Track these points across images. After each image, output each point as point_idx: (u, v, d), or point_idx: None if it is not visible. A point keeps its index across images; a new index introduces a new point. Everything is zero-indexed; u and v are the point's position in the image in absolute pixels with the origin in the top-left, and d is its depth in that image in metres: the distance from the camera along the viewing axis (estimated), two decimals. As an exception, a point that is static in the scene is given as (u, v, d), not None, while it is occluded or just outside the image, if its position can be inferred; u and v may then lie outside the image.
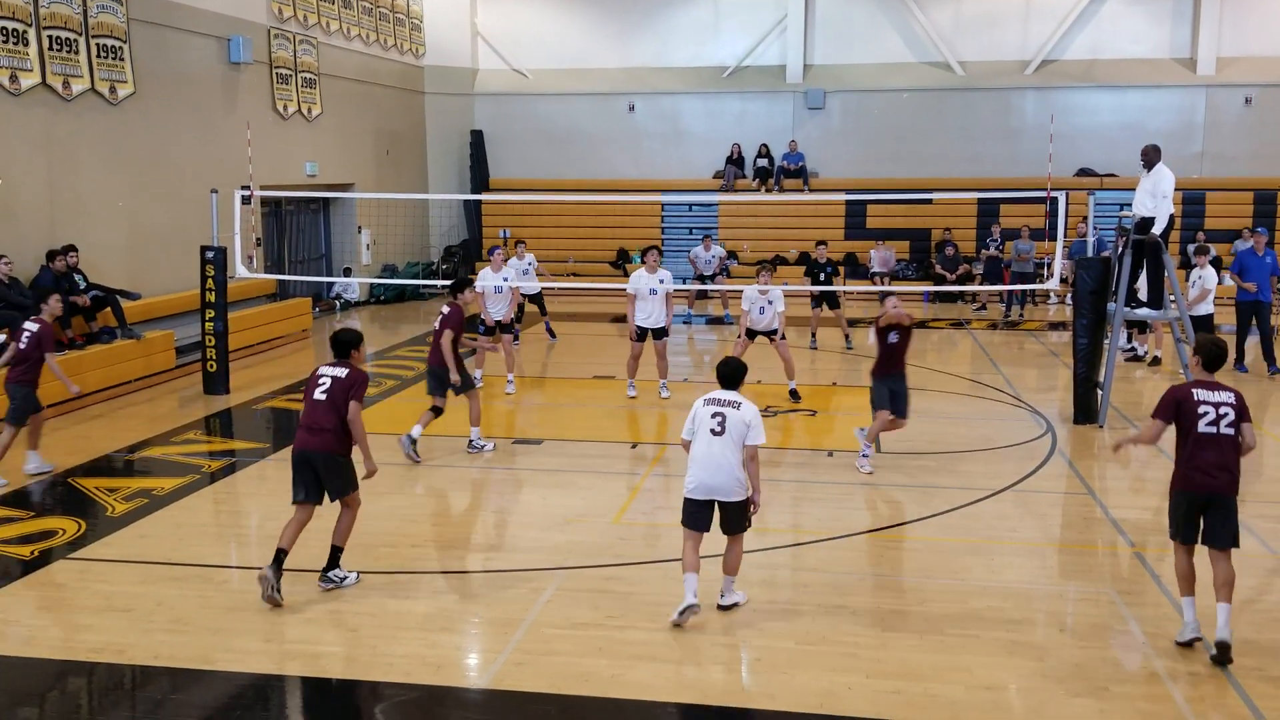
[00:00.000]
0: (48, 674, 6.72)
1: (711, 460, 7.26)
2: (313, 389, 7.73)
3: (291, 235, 22.97)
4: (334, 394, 7.63)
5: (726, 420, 7.28)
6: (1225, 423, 6.80)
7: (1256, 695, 6.28)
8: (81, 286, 14.70)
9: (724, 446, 7.25)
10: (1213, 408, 6.81)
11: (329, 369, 7.78)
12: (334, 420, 7.61)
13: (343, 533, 7.81)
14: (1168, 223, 12.84)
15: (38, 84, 14.73)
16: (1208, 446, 6.78)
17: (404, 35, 26.63)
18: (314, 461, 7.64)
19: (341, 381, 7.67)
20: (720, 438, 7.27)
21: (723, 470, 7.25)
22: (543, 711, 6.21)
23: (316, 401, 7.65)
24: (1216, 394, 6.87)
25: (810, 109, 27.80)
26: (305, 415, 7.73)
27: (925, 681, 6.47)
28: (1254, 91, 26.15)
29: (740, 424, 7.28)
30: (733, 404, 7.35)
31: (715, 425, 7.28)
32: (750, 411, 7.34)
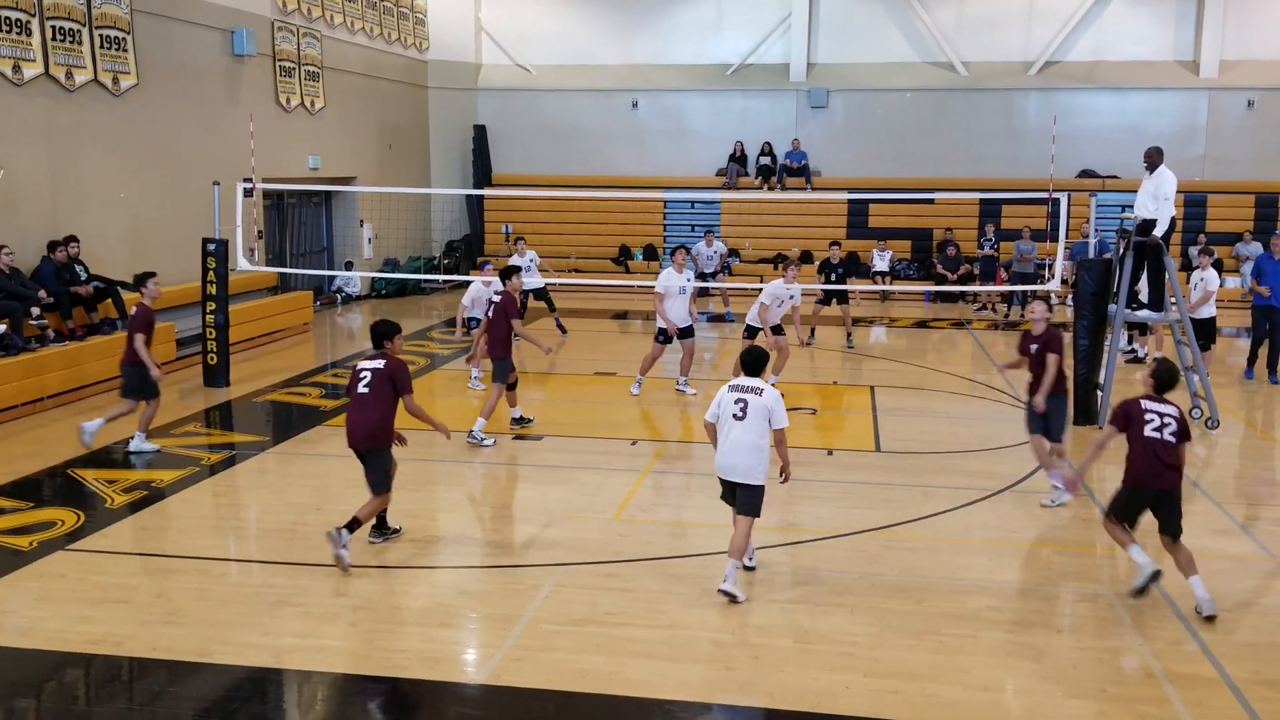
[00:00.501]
0: (46, 665, 6.72)
1: (731, 443, 7.62)
2: (355, 385, 7.99)
3: (293, 228, 22.97)
4: (375, 386, 7.89)
5: (748, 406, 7.57)
6: (1169, 431, 7.49)
7: (1254, 698, 6.28)
8: (83, 277, 14.70)
9: (744, 431, 7.56)
10: (1158, 416, 7.53)
11: (368, 363, 8.02)
12: (377, 413, 7.88)
13: (368, 511, 8.11)
14: (1169, 225, 12.84)
15: (40, 74, 14.73)
16: (1156, 449, 7.46)
17: (408, 29, 26.61)
18: (359, 453, 8.04)
19: (381, 373, 7.90)
20: (741, 422, 7.57)
21: (740, 451, 7.57)
22: (540, 707, 6.22)
23: (361, 396, 7.91)
24: (1163, 406, 7.60)
25: (813, 108, 27.79)
26: (351, 410, 8.00)
27: (923, 681, 6.47)
28: (1256, 95, 26.12)
29: (762, 409, 7.56)
30: (755, 390, 7.63)
31: (738, 411, 7.60)
32: (771, 397, 7.60)
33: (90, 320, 14.73)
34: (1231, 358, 18.38)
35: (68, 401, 13.55)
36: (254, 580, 8.17)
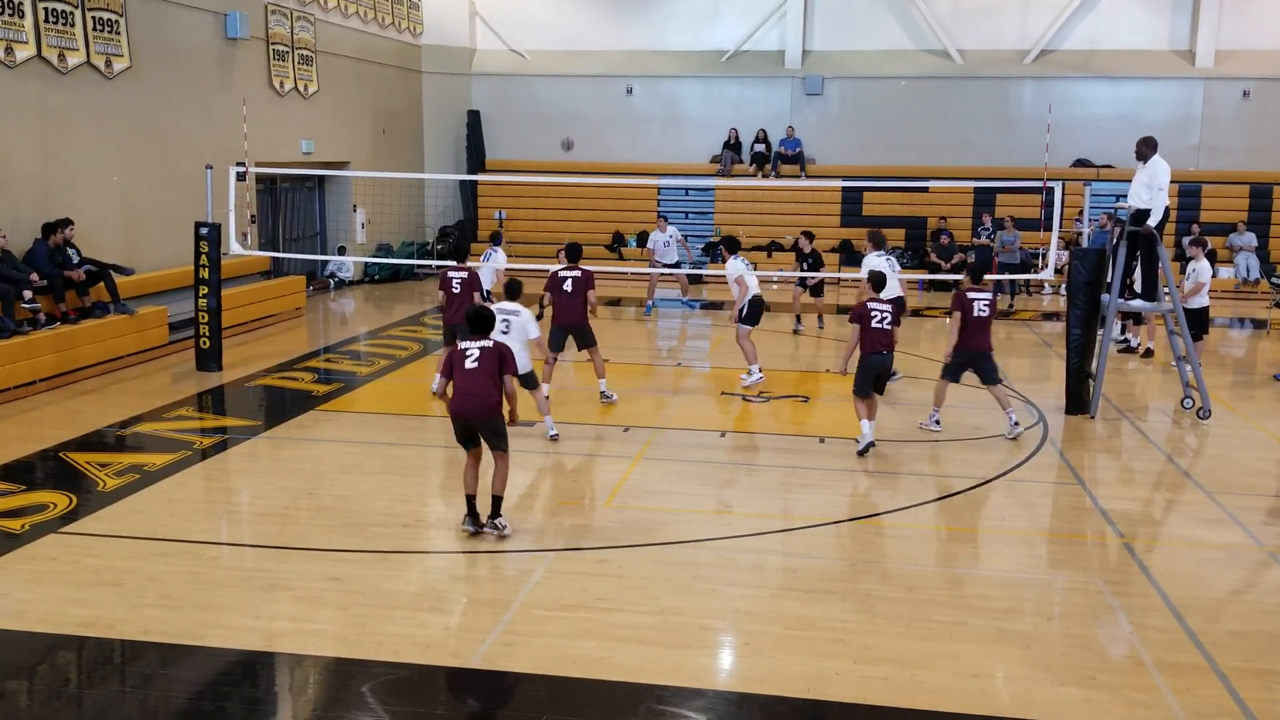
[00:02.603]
0: (37, 647, 6.73)
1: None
2: (461, 360, 8.43)
3: (286, 213, 22.90)
4: (485, 363, 8.40)
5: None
6: (886, 321, 10.98)
7: (1242, 686, 6.32)
8: (75, 261, 14.65)
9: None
10: (879, 312, 11.03)
11: (473, 343, 8.50)
12: (488, 386, 8.38)
13: (500, 482, 8.56)
14: (1163, 215, 12.85)
15: (33, 56, 14.65)
16: (879, 335, 10.99)
17: (402, 14, 26.51)
18: (473, 423, 8.47)
19: (491, 351, 8.46)
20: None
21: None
22: (531, 692, 6.23)
23: (470, 371, 8.38)
24: (882, 304, 11.08)
25: (808, 95, 27.74)
26: (461, 382, 8.43)
27: (912, 668, 6.50)
28: (1252, 85, 26.12)
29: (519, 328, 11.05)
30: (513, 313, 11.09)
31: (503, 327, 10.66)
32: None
33: (83, 304, 14.69)
34: (1225, 348, 18.44)
35: (60, 385, 13.53)
36: (246, 564, 8.17)
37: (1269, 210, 25.75)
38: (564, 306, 12.79)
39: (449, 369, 8.61)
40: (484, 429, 8.52)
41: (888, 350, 11.05)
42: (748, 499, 9.91)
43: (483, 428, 8.51)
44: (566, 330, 12.81)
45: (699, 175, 27.65)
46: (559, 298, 12.81)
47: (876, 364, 11.01)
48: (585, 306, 12.85)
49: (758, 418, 12.88)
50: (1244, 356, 18.06)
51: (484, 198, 28.18)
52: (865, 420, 11.02)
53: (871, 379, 11.03)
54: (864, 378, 11.01)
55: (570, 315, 12.80)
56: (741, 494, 10.12)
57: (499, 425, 8.54)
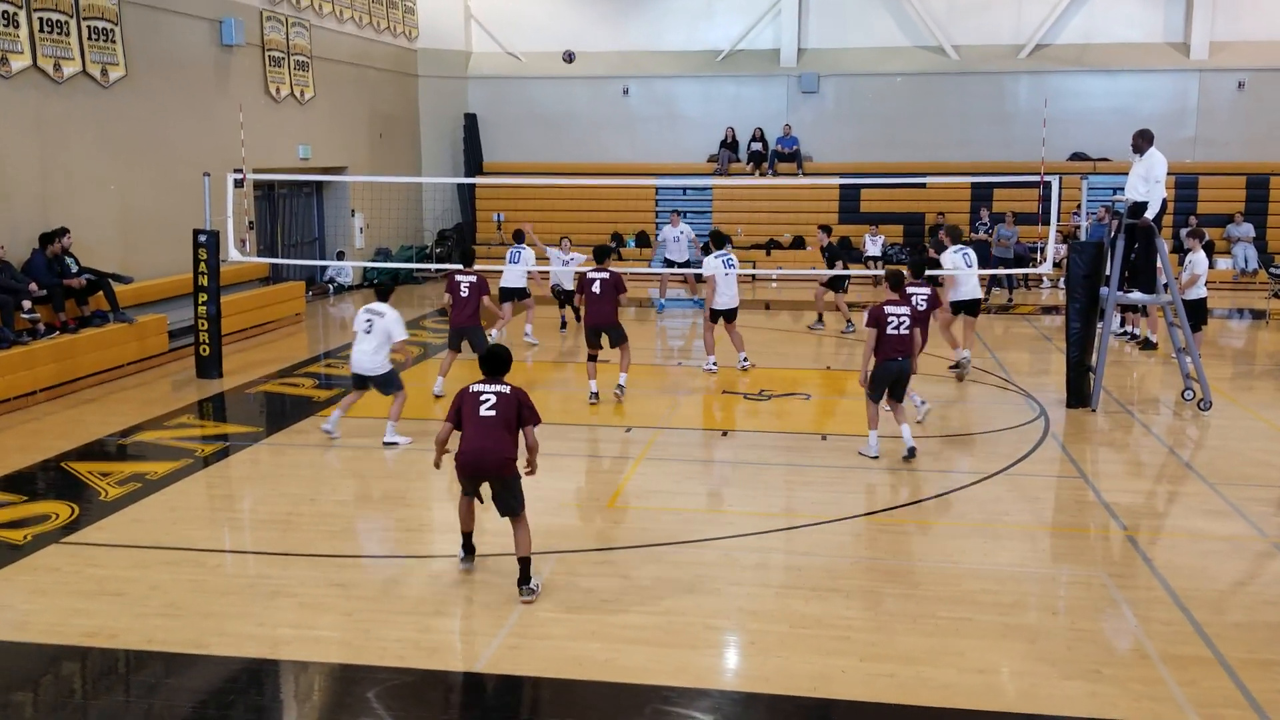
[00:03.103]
0: (41, 658, 6.72)
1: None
2: (475, 407, 7.45)
3: (284, 219, 22.91)
4: (503, 411, 7.43)
5: (374, 325, 11.52)
6: (903, 326, 10.51)
7: (1248, 677, 6.31)
8: (74, 270, 14.65)
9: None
10: (896, 317, 10.52)
11: (488, 386, 7.53)
12: (506, 439, 7.41)
13: (525, 544, 7.50)
14: (1160, 207, 12.85)
15: (29, 66, 14.65)
16: (894, 341, 10.49)
17: (397, 18, 26.51)
18: (486, 479, 7.51)
19: (508, 398, 7.48)
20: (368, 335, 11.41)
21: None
22: (536, 695, 6.23)
23: (485, 420, 7.40)
24: (899, 307, 10.64)
25: (804, 93, 27.75)
26: (473, 433, 7.43)
27: (918, 664, 6.49)
28: (1247, 76, 26.12)
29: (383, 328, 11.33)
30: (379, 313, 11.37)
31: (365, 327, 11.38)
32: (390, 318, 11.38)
33: (82, 313, 14.68)
34: (1224, 339, 18.44)
35: (60, 395, 13.52)
36: (249, 571, 8.17)
37: (1266, 201, 25.75)
38: (593, 308, 13.15)
39: (457, 415, 7.56)
40: (498, 486, 7.50)
41: (904, 356, 10.57)
42: (751, 498, 9.90)
43: (497, 485, 7.50)
44: (599, 330, 13.19)
45: (696, 175, 27.66)
46: (588, 299, 13.15)
47: (892, 371, 10.58)
48: (615, 307, 13.19)
49: (760, 416, 12.88)
50: (1244, 347, 18.06)
51: (482, 200, 28.19)
52: (873, 430, 10.76)
53: (885, 386, 10.67)
54: (876, 384, 10.68)
55: (600, 316, 13.15)
56: (744, 493, 10.11)
57: (515, 484, 7.51)
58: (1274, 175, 25.77)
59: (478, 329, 13.37)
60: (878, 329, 10.51)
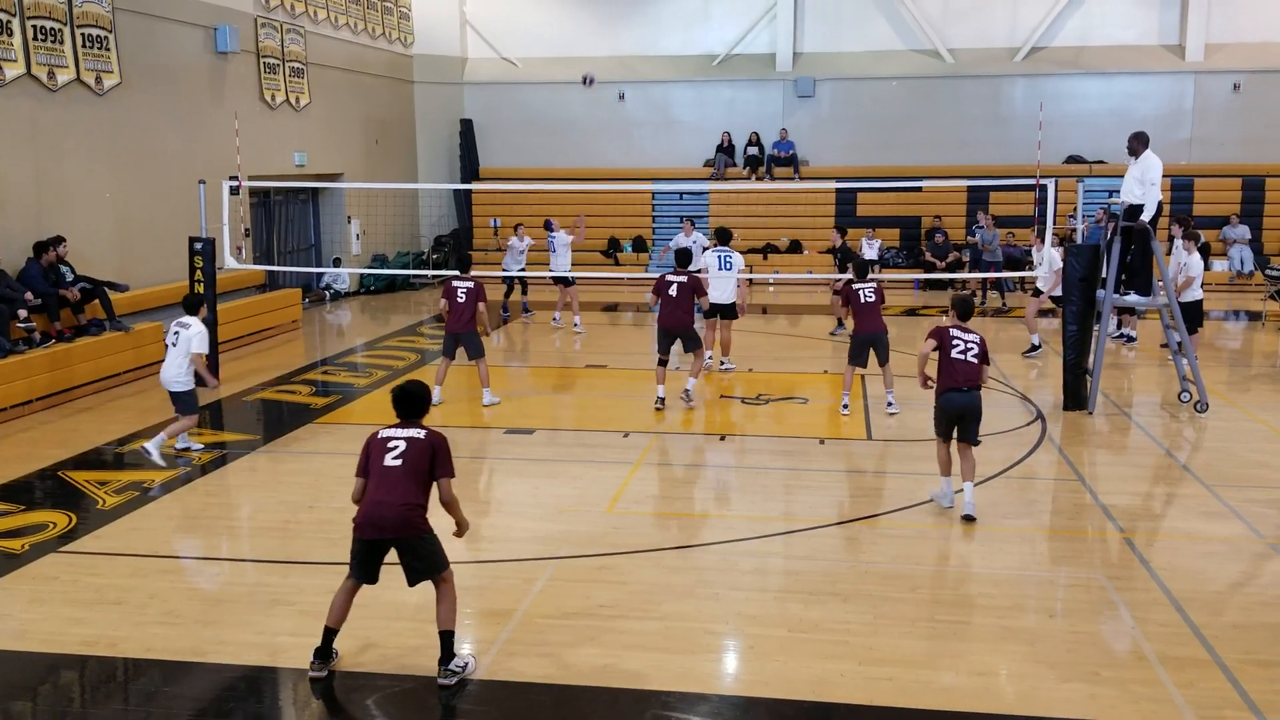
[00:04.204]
0: (40, 667, 6.71)
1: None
2: (381, 454, 6.45)
3: (280, 226, 22.89)
4: (412, 460, 6.38)
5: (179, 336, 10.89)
6: (971, 354, 9.12)
7: (1245, 679, 6.32)
8: (69, 279, 14.63)
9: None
10: (963, 342, 9.17)
11: (399, 431, 6.52)
12: (411, 492, 6.34)
13: (449, 614, 6.43)
14: (1156, 210, 12.87)
15: (22, 74, 14.65)
16: (960, 368, 9.10)
17: (392, 24, 26.53)
18: (386, 544, 6.44)
19: (421, 445, 6.42)
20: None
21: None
22: (535, 701, 6.22)
23: (389, 471, 6.37)
24: (968, 334, 9.24)
25: (800, 97, 27.78)
26: (373, 485, 6.41)
27: (917, 668, 6.49)
28: (1242, 78, 26.17)
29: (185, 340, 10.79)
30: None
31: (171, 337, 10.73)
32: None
33: (78, 321, 14.67)
34: (1221, 341, 18.46)
35: (56, 403, 13.51)
36: (247, 579, 8.16)
37: (1261, 203, 25.78)
38: (668, 311, 13.23)
39: (365, 466, 6.50)
40: (403, 552, 6.40)
41: (970, 387, 9.13)
42: (749, 502, 9.91)
43: (402, 550, 6.39)
44: (672, 334, 13.29)
45: (692, 179, 27.68)
46: (664, 302, 13.25)
47: (956, 404, 9.15)
48: (691, 311, 13.26)
49: (757, 420, 12.88)
50: (1240, 349, 18.08)
51: (478, 206, 28.20)
52: (943, 477, 9.40)
53: (952, 422, 9.23)
54: (941, 419, 9.29)
55: (675, 320, 13.21)
56: (743, 497, 10.11)
57: (424, 547, 6.38)
58: (1270, 177, 25.81)
59: (474, 335, 13.36)
60: (941, 351, 9.17)
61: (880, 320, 12.76)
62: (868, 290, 12.71)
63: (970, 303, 9.54)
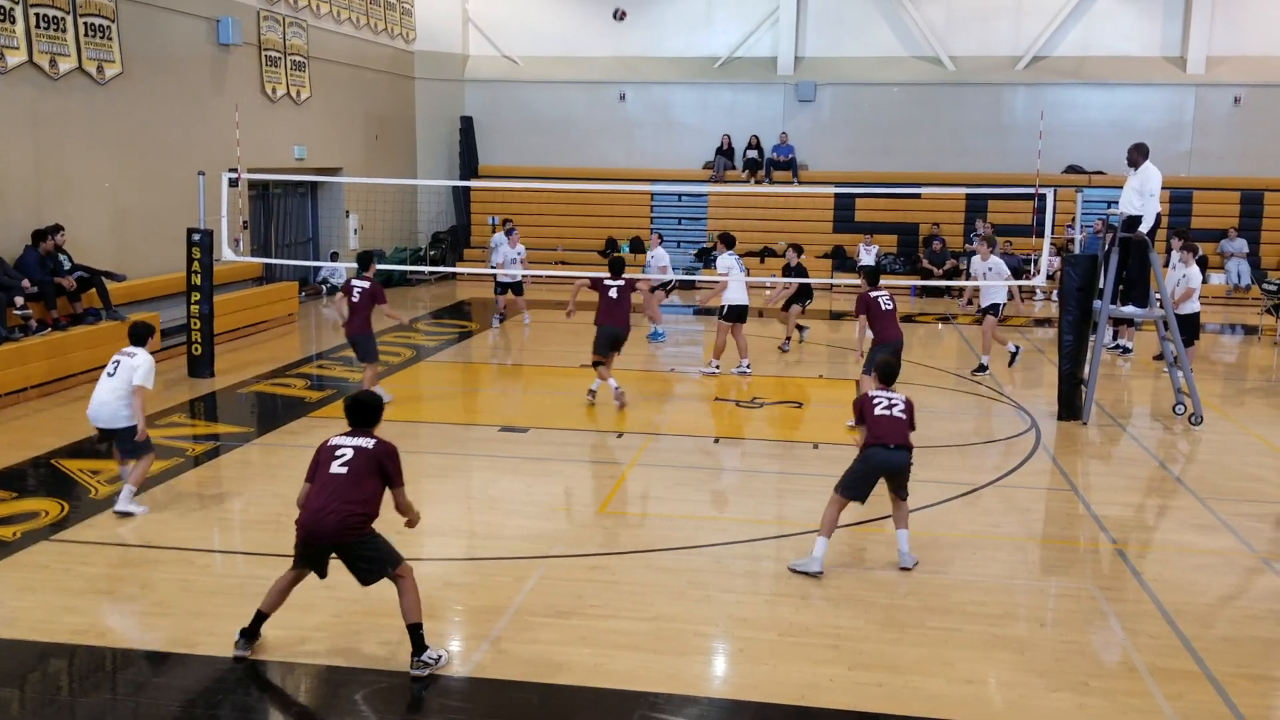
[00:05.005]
0: (29, 655, 6.70)
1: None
2: (329, 461, 6.51)
3: (279, 219, 22.87)
4: (357, 468, 6.45)
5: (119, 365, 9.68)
6: (897, 409, 8.24)
7: (1235, 692, 6.33)
8: (66, 267, 14.61)
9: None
10: (886, 400, 8.30)
11: (348, 439, 6.60)
12: (354, 501, 6.39)
13: (412, 607, 6.47)
14: (1155, 221, 12.89)
15: (24, 62, 14.62)
16: (887, 424, 8.15)
17: (394, 20, 26.52)
18: (325, 548, 6.50)
19: (368, 454, 6.50)
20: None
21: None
22: (524, 699, 6.22)
23: (334, 478, 6.43)
24: (891, 395, 8.39)
25: (801, 101, 27.80)
26: (317, 490, 6.46)
27: (907, 674, 6.50)
28: (1243, 91, 26.22)
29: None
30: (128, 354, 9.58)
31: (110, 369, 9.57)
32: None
33: (74, 310, 14.64)
34: (1216, 354, 18.50)
35: (51, 391, 13.48)
36: (239, 571, 8.15)
37: (1260, 216, 25.84)
38: (608, 312, 13.31)
39: (312, 471, 6.58)
40: (347, 557, 6.46)
41: (898, 445, 8.15)
42: (742, 505, 9.91)
43: (345, 556, 6.45)
44: (610, 336, 13.27)
45: (692, 181, 27.68)
46: (605, 303, 13.36)
47: (879, 460, 8.14)
48: (628, 315, 13.37)
49: (751, 424, 12.89)
50: (1235, 362, 18.10)
51: (477, 204, 28.19)
52: (822, 538, 8.12)
53: (872, 481, 8.23)
54: (861, 478, 8.18)
55: (614, 320, 13.26)
56: (736, 500, 10.11)
57: (366, 547, 6.43)
58: (1269, 191, 25.86)
59: (367, 339, 12.93)
60: (864, 412, 8.33)
61: (899, 327, 12.52)
62: (885, 297, 12.37)
63: (894, 367, 8.76)
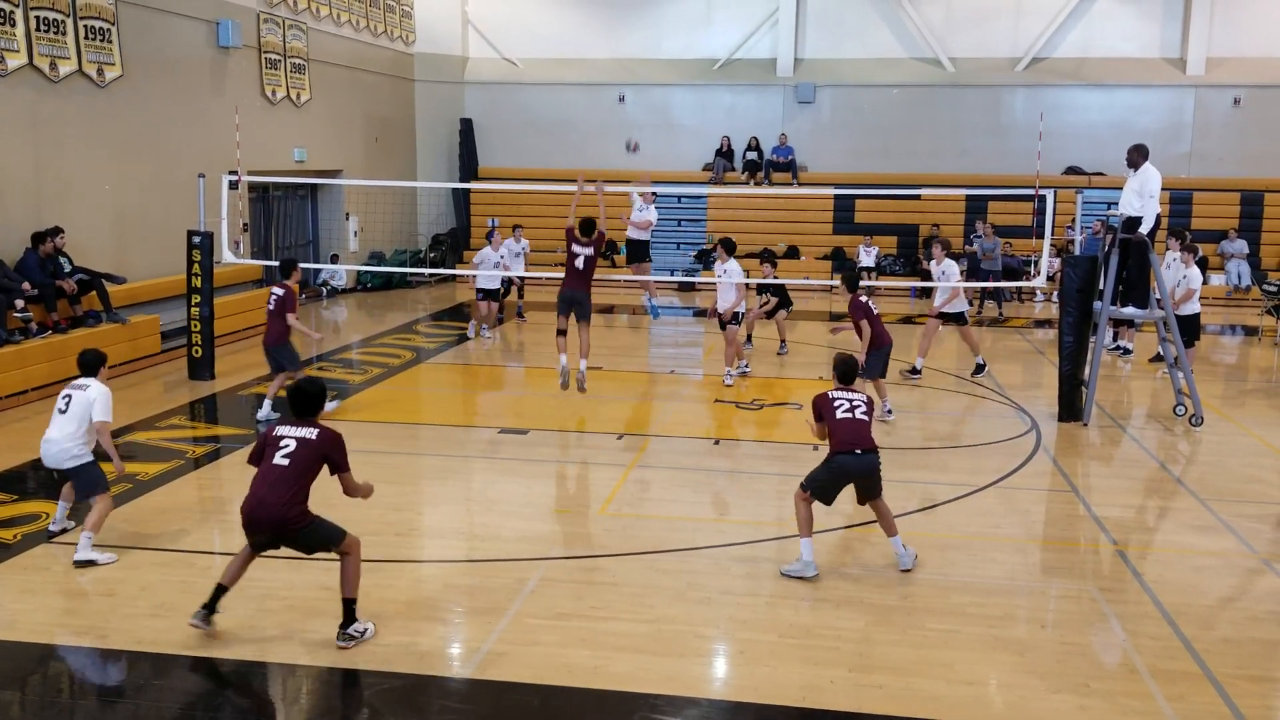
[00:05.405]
0: (30, 658, 6.70)
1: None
2: (273, 451, 6.68)
3: (279, 221, 22.88)
4: (299, 461, 6.64)
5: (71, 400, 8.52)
6: (859, 411, 8.12)
7: (1236, 693, 6.32)
8: (67, 270, 14.61)
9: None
10: (847, 402, 8.14)
11: (292, 429, 6.76)
12: (293, 492, 6.59)
13: (350, 580, 6.77)
14: (1154, 223, 12.89)
15: (24, 65, 14.62)
16: (849, 427, 8.03)
17: (394, 22, 26.53)
18: (266, 534, 6.73)
19: (312, 445, 6.68)
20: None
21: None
22: (524, 701, 6.22)
23: (275, 469, 6.62)
24: (852, 394, 8.26)
25: (800, 103, 27.81)
26: (258, 481, 6.68)
27: (907, 676, 6.50)
28: (1243, 92, 26.23)
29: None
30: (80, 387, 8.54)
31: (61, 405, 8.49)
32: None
33: (74, 313, 14.64)
34: (1217, 355, 18.50)
35: (52, 394, 13.40)
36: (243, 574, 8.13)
37: (1260, 217, 25.85)
38: (573, 278, 13.16)
39: (255, 457, 6.82)
40: (287, 543, 6.72)
41: (865, 450, 8.06)
42: (742, 507, 9.91)
43: (286, 542, 6.72)
44: (569, 301, 13.07)
45: (691, 183, 27.67)
46: (570, 272, 13.25)
47: (846, 467, 8.06)
48: (590, 283, 13.24)
49: (751, 425, 12.88)
50: (1236, 363, 18.11)
51: (476, 206, 28.19)
52: (805, 539, 8.06)
53: (839, 487, 8.18)
54: (828, 484, 8.12)
55: (575, 284, 13.11)
56: (736, 501, 10.11)
57: (308, 534, 6.68)
58: (1268, 192, 25.88)
59: (281, 348, 12.48)
60: (823, 415, 8.19)
61: (888, 331, 13.02)
62: (872, 304, 12.76)
63: (852, 365, 8.51)
